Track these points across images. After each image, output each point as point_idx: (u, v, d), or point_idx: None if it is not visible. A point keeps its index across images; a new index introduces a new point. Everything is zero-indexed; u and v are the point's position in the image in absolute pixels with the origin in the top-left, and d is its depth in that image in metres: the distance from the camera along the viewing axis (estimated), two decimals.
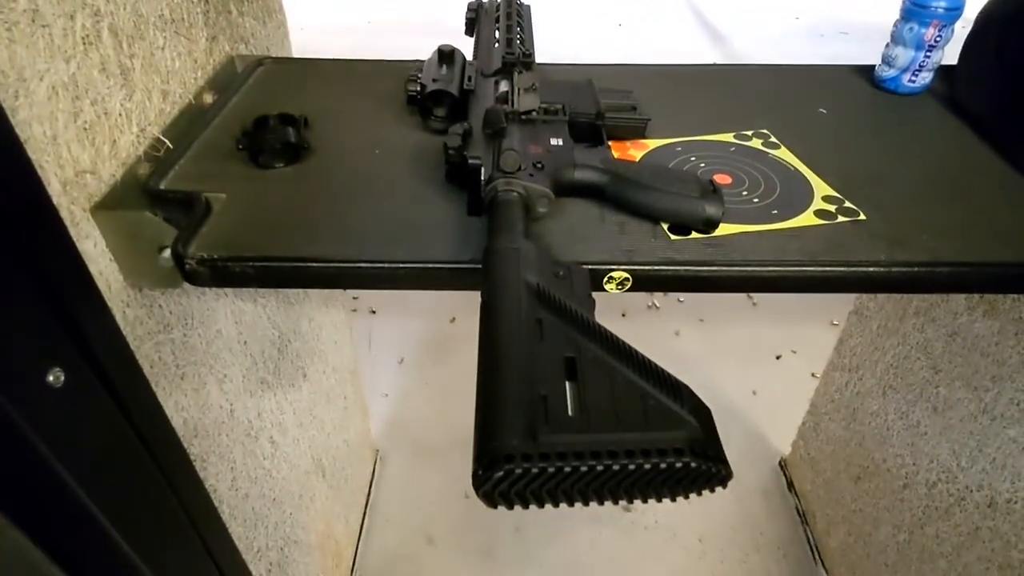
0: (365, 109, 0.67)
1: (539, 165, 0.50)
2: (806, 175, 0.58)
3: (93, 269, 0.51)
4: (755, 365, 1.83)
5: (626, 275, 0.46)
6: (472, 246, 0.49)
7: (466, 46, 0.77)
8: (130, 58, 0.56)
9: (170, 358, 0.62)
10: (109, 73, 0.53)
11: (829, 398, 1.37)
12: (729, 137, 0.64)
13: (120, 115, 0.55)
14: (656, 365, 0.36)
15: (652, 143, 0.62)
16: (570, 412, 0.33)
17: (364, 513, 1.42)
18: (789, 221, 0.52)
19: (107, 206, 0.51)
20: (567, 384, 0.34)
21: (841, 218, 0.53)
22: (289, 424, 0.98)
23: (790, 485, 1.55)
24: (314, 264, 0.46)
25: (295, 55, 0.96)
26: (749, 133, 0.65)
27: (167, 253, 0.52)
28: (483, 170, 0.49)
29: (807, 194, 0.56)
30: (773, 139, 0.64)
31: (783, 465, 1.59)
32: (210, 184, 0.55)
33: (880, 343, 1.18)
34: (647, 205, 0.50)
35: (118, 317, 0.54)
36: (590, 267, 0.46)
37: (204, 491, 0.68)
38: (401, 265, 0.46)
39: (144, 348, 0.58)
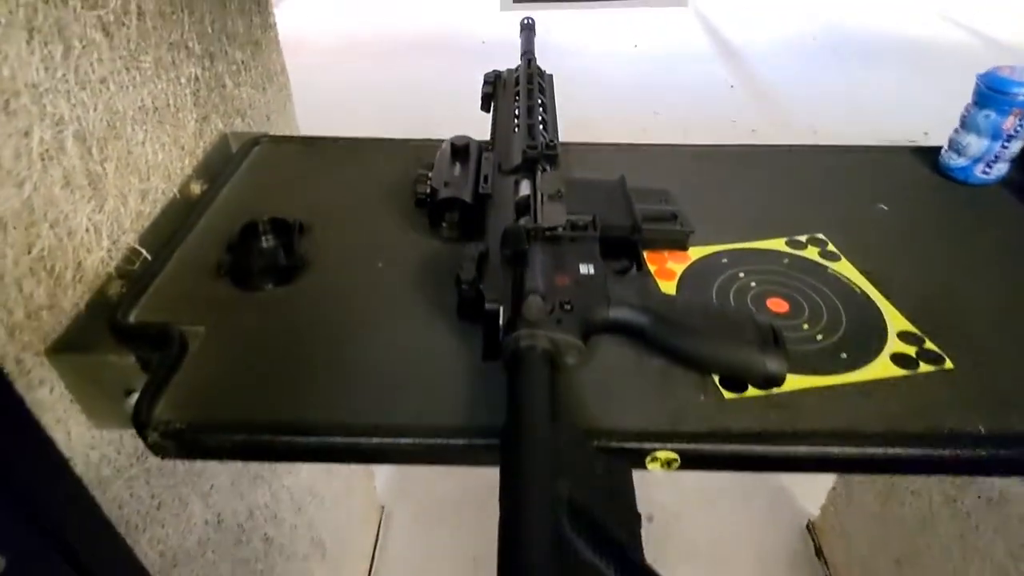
0: (370, 205, 0.60)
1: (567, 306, 0.43)
2: (875, 299, 0.50)
3: (49, 418, 0.44)
4: None
5: (673, 455, 0.39)
6: (489, 402, 0.41)
7: (482, 122, 0.70)
8: (101, 163, 0.49)
9: (144, 490, 0.55)
10: (74, 187, 0.46)
11: None
12: (780, 244, 0.56)
13: (88, 231, 0.48)
14: None
15: (694, 252, 0.55)
16: None
17: None
18: (861, 371, 0.44)
19: (65, 347, 0.44)
20: None
21: (924, 366, 0.45)
22: (285, 512, 0.91)
23: (818, 552, 1.46)
24: (303, 439, 0.39)
25: (289, 69, 0.86)
26: (803, 239, 0.57)
27: (134, 398, 0.45)
28: (502, 314, 0.42)
29: (879, 329, 0.48)
30: (831, 247, 0.56)
31: (811, 529, 1.50)
32: (189, 311, 0.48)
33: None
34: (696, 356, 0.43)
35: (79, 464, 0.47)
36: (629, 444, 0.39)
37: None
38: (406, 440, 0.39)
39: (113, 489, 0.51)
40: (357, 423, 0.40)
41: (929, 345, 0.46)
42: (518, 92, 0.66)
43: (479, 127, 0.70)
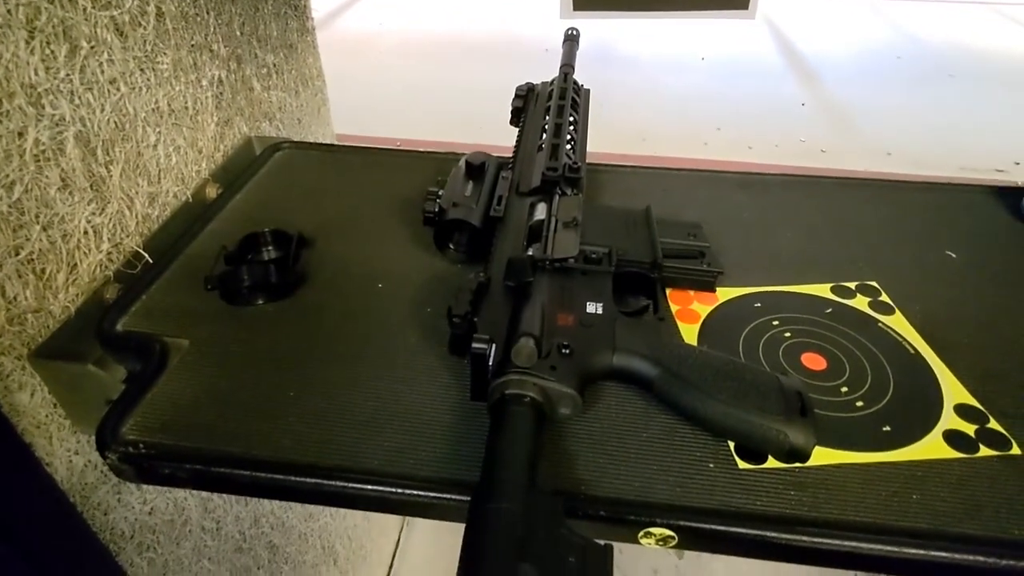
0: (380, 219, 0.57)
1: (566, 350, 0.39)
2: (931, 364, 0.44)
3: (27, 423, 0.43)
4: None
5: (670, 533, 0.34)
6: (470, 450, 0.38)
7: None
8: (106, 165, 0.48)
9: (133, 496, 0.54)
10: (73, 188, 0.45)
11: None
12: (825, 290, 0.50)
13: (86, 233, 0.47)
14: None
15: (724, 293, 0.49)
16: None
17: None
18: (907, 449, 0.38)
19: (48, 353, 0.43)
20: None
21: (984, 450, 0.38)
22: (294, 520, 0.90)
23: None
24: (262, 475, 0.36)
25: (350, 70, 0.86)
26: (851, 286, 0.50)
27: None
28: (492, 353, 0.38)
29: (933, 399, 0.41)
30: (884, 297, 0.49)
31: None
32: (176, 322, 0.46)
33: None
34: (707, 419, 0.37)
35: (61, 468, 0.46)
36: (623, 516, 0.34)
37: None
38: (372, 488, 0.35)
39: (98, 494, 0.50)
40: (322, 464, 0.36)
41: (993, 425, 0.40)
42: (549, 107, 0.62)
43: None
